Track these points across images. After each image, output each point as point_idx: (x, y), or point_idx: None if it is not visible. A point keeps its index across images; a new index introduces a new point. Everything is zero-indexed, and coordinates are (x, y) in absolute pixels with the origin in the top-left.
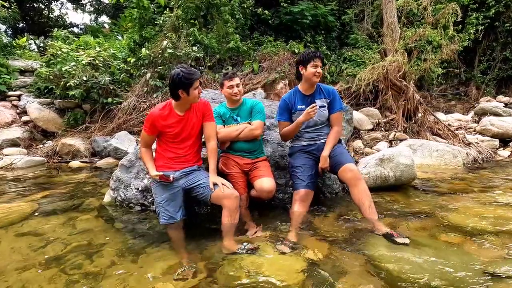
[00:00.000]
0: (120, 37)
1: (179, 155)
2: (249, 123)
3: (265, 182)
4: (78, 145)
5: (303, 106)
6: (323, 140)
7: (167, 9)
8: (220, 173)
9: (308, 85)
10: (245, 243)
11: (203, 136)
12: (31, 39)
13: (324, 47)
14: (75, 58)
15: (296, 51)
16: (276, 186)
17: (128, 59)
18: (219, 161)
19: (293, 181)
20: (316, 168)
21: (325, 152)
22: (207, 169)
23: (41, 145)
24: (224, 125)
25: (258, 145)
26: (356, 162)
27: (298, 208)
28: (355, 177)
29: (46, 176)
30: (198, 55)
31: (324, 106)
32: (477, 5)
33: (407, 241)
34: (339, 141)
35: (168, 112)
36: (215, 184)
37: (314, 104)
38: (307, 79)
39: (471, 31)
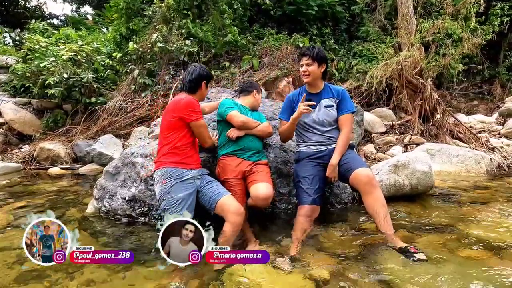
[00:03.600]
0: (104, 30)
1: (195, 153)
2: None
3: (261, 188)
4: (58, 150)
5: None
6: (333, 145)
7: None
8: (216, 179)
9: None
10: None
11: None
12: (6, 31)
13: (332, 41)
14: (55, 53)
15: (301, 45)
16: (279, 195)
17: (114, 54)
18: (216, 165)
19: (297, 194)
20: (325, 178)
21: (334, 160)
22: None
23: (16, 150)
24: None
25: (262, 147)
26: None
27: (302, 224)
28: (370, 184)
29: (22, 184)
30: (191, 49)
31: (332, 106)
32: None
33: (424, 257)
34: (351, 147)
35: None
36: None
37: (308, 102)
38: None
39: (496, 23)
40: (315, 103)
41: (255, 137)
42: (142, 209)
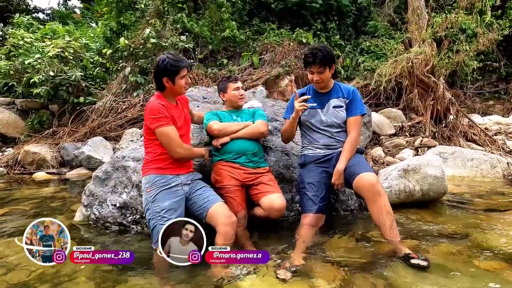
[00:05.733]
0: (94, 25)
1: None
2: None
3: (275, 199)
4: (43, 153)
5: (315, 104)
6: (341, 149)
7: None
8: (212, 186)
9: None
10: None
11: None
12: None
13: (337, 36)
14: (40, 50)
15: (304, 41)
16: None
17: (104, 51)
18: (211, 171)
19: (301, 201)
20: (331, 185)
21: (340, 165)
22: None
23: None
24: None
25: (260, 149)
26: (376, 174)
27: (306, 233)
28: (374, 191)
29: (5, 190)
30: (187, 45)
31: (341, 106)
32: None
33: (425, 263)
34: (359, 152)
35: (165, 102)
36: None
37: (302, 98)
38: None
39: None
40: (309, 96)
41: (245, 139)
42: (134, 216)
